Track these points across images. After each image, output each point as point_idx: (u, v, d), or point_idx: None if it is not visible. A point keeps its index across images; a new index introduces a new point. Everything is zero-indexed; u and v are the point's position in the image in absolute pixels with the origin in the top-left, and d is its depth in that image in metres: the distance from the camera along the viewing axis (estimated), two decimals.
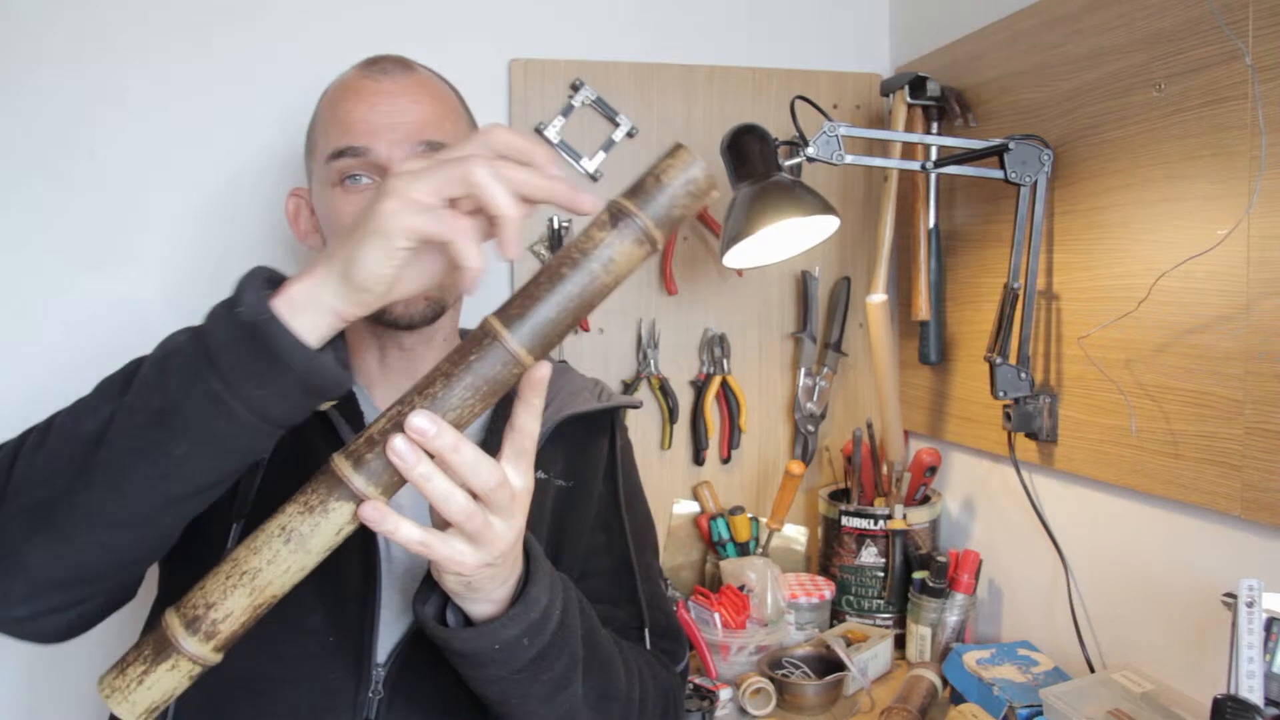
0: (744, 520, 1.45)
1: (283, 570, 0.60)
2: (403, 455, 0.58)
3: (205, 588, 0.60)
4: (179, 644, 0.59)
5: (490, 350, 0.59)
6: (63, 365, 1.29)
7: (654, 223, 0.59)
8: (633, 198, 0.60)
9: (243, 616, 0.60)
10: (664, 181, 0.59)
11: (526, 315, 0.59)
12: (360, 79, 0.91)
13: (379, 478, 0.60)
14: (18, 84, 1.25)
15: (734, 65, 1.51)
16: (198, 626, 0.59)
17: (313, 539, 0.60)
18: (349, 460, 0.59)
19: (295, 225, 1.01)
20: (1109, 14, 1.10)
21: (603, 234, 0.59)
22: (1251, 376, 0.94)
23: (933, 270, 1.41)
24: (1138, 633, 1.11)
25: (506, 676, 0.72)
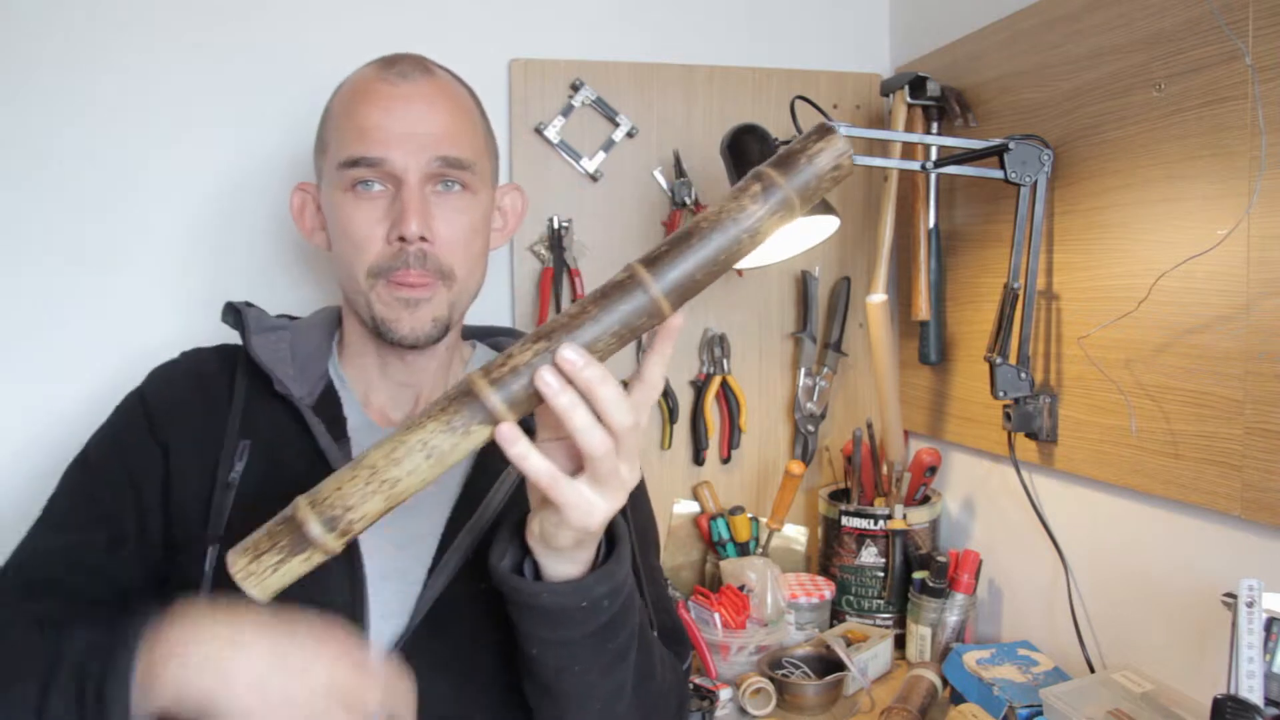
0: (744, 520, 1.45)
1: (419, 482, 0.62)
2: (549, 383, 0.60)
3: (343, 490, 0.62)
4: (317, 539, 0.62)
5: (634, 295, 0.62)
6: (62, 366, 1.29)
7: (798, 197, 0.63)
8: (782, 172, 0.63)
9: (375, 519, 0.63)
10: (815, 161, 0.63)
11: (671, 266, 0.62)
12: (377, 81, 0.88)
13: (518, 403, 0.62)
14: (17, 85, 1.25)
15: (734, 65, 1.51)
16: (335, 524, 0.62)
17: (451, 456, 0.62)
18: (490, 383, 0.62)
19: (300, 221, 0.98)
20: (1109, 14, 1.10)
21: (752, 204, 0.63)
22: (1251, 376, 0.94)
23: (933, 270, 1.41)
24: (1138, 633, 1.11)
25: (577, 639, 0.72)
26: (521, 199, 1.04)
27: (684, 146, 1.48)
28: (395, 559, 0.86)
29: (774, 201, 0.63)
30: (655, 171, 1.48)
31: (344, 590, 0.83)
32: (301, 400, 0.88)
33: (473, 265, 0.92)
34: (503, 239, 1.02)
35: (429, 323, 0.88)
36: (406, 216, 0.84)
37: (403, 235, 0.85)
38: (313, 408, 0.89)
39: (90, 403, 1.28)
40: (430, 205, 0.87)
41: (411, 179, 0.85)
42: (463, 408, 0.62)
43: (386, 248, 0.86)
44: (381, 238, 0.86)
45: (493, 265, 1.43)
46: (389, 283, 0.87)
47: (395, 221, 0.85)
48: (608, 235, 1.47)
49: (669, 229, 1.47)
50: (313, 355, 0.95)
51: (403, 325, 0.87)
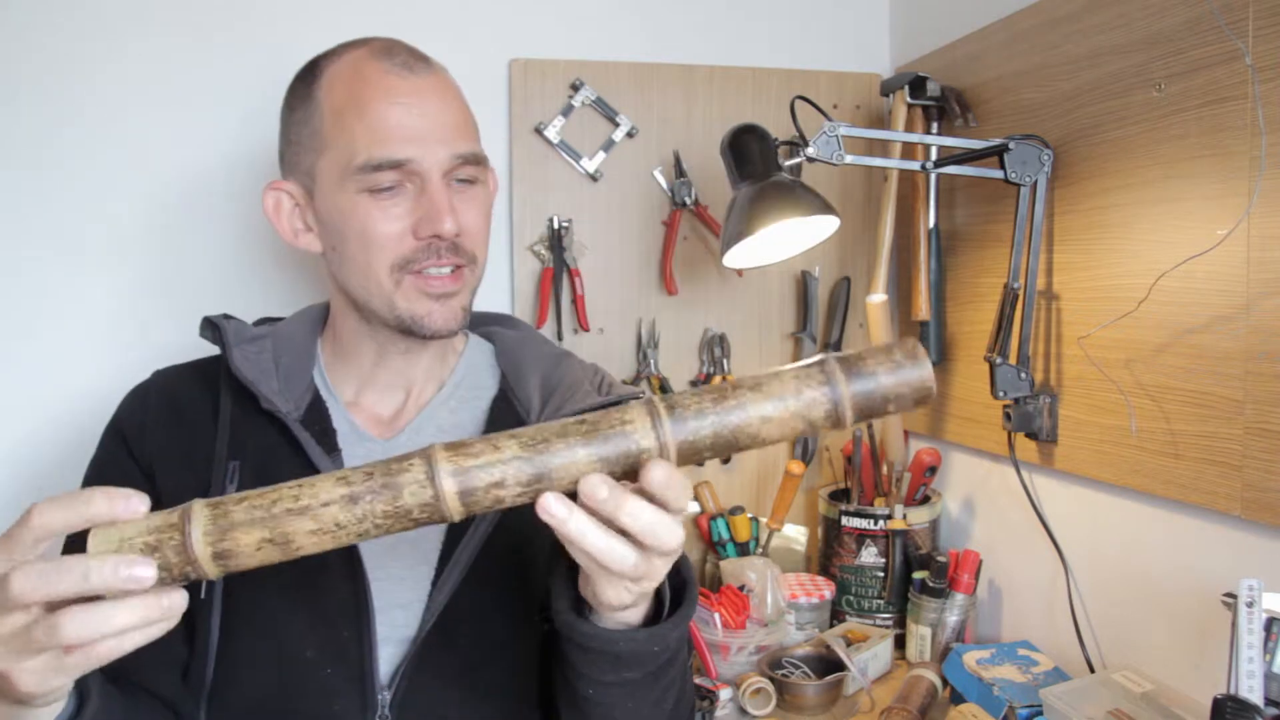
0: (744, 520, 1.45)
1: (316, 545, 0.57)
2: (553, 513, 0.57)
3: (239, 519, 0.55)
4: (190, 535, 0.55)
5: (631, 438, 0.57)
6: (44, 363, 1.29)
7: (853, 402, 0.57)
8: (847, 366, 0.57)
9: (253, 566, 0.57)
10: (892, 370, 0.57)
11: (687, 418, 0.57)
12: (384, 74, 0.84)
13: (475, 501, 0.57)
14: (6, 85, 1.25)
15: (734, 65, 1.51)
16: (221, 557, 0.55)
17: (363, 528, 0.57)
18: (453, 461, 0.56)
19: (278, 222, 0.91)
20: (1109, 14, 1.10)
21: (795, 380, 0.57)
22: (1251, 376, 0.94)
23: (933, 270, 1.41)
24: (1138, 633, 1.11)
25: (640, 679, 0.71)
26: (493, 177, 0.99)
27: (684, 146, 1.48)
28: (398, 571, 0.85)
29: (827, 398, 0.57)
30: (655, 171, 1.48)
31: (350, 607, 0.82)
32: (289, 415, 0.86)
33: (485, 250, 0.91)
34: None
35: (460, 313, 0.88)
36: (441, 216, 0.82)
37: (438, 234, 0.83)
38: (301, 421, 0.87)
39: (72, 404, 1.29)
40: (454, 199, 0.85)
41: (435, 176, 0.84)
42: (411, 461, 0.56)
43: (414, 242, 0.84)
44: (405, 233, 0.84)
45: (493, 265, 1.44)
46: (417, 276, 0.85)
47: (425, 219, 0.83)
48: (608, 235, 1.47)
49: (669, 229, 1.47)
50: (297, 364, 0.92)
51: (435, 318, 0.86)
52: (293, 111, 0.89)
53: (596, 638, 0.68)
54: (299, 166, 0.88)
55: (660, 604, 0.71)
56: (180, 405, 0.90)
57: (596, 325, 1.47)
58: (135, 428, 0.89)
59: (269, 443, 0.86)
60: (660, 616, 0.70)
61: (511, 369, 0.97)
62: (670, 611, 0.71)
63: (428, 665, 0.82)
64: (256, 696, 0.81)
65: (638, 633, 0.68)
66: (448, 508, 0.56)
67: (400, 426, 0.92)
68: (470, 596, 0.83)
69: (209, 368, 0.93)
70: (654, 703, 0.74)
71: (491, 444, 0.57)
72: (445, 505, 0.56)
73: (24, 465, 1.28)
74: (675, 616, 0.69)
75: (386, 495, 0.56)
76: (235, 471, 0.85)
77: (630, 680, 0.70)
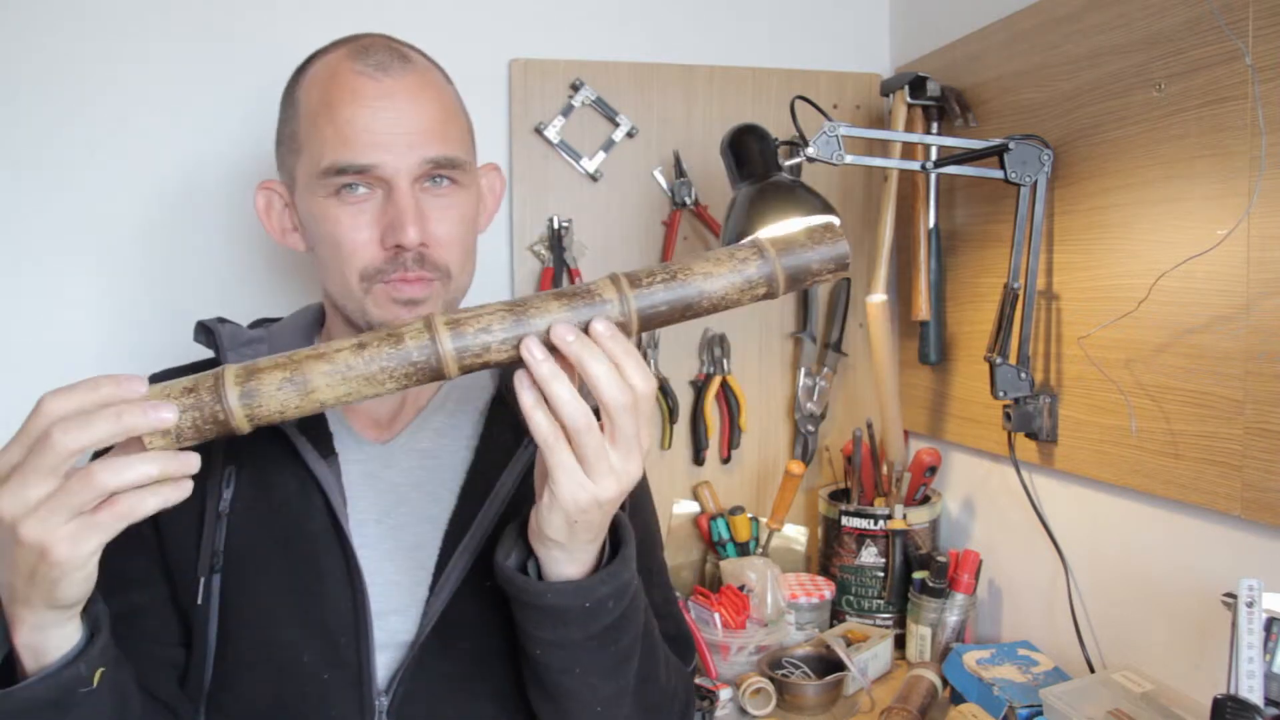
0: (744, 520, 1.45)
1: (334, 394, 0.64)
2: (533, 352, 0.64)
3: (266, 376, 0.63)
4: (232, 409, 0.61)
5: (606, 304, 0.66)
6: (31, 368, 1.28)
7: (784, 277, 0.68)
8: (780, 246, 0.68)
9: (282, 417, 0.63)
10: (814, 246, 0.68)
11: (650, 292, 0.67)
12: (354, 75, 0.81)
13: (469, 357, 0.65)
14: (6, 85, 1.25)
15: (734, 65, 1.51)
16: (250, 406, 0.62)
17: (369, 382, 0.64)
18: (449, 328, 0.64)
19: (267, 221, 0.91)
20: (1109, 14, 1.10)
21: (740, 262, 0.67)
22: (1251, 376, 0.94)
23: (933, 270, 1.41)
24: (1138, 633, 1.11)
25: (579, 641, 0.72)
26: (500, 180, 0.98)
27: (684, 146, 1.48)
28: (395, 576, 0.85)
29: (761, 266, 0.67)
30: (655, 171, 1.48)
31: (347, 612, 0.82)
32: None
33: (465, 260, 0.87)
34: (485, 223, 0.96)
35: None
36: (404, 224, 0.79)
37: (400, 244, 0.80)
38: (297, 425, 0.86)
39: None
40: (423, 206, 0.82)
41: (402, 183, 0.80)
42: (411, 341, 0.64)
43: (381, 252, 0.81)
44: (373, 242, 0.81)
45: (493, 265, 1.45)
46: (388, 283, 0.82)
47: (390, 227, 0.80)
48: (608, 235, 1.47)
49: (669, 229, 1.47)
50: None
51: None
52: (282, 111, 0.88)
53: (526, 590, 0.71)
54: (284, 166, 0.88)
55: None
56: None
57: None
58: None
59: (265, 447, 0.85)
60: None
61: (506, 372, 0.96)
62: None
63: (425, 671, 0.82)
64: (254, 701, 0.81)
65: (565, 585, 0.71)
66: (443, 352, 0.64)
67: (397, 430, 0.92)
68: (467, 602, 0.83)
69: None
70: (607, 672, 0.74)
71: (483, 309, 0.66)
72: (441, 349, 0.64)
73: None
74: (603, 571, 0.71)
75: (391, 340, 0.64)
76: (231, 476, 0.85)
77: (570, 640, 0.72)
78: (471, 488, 0.88)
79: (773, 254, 0.67)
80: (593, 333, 0.65)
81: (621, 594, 0.72)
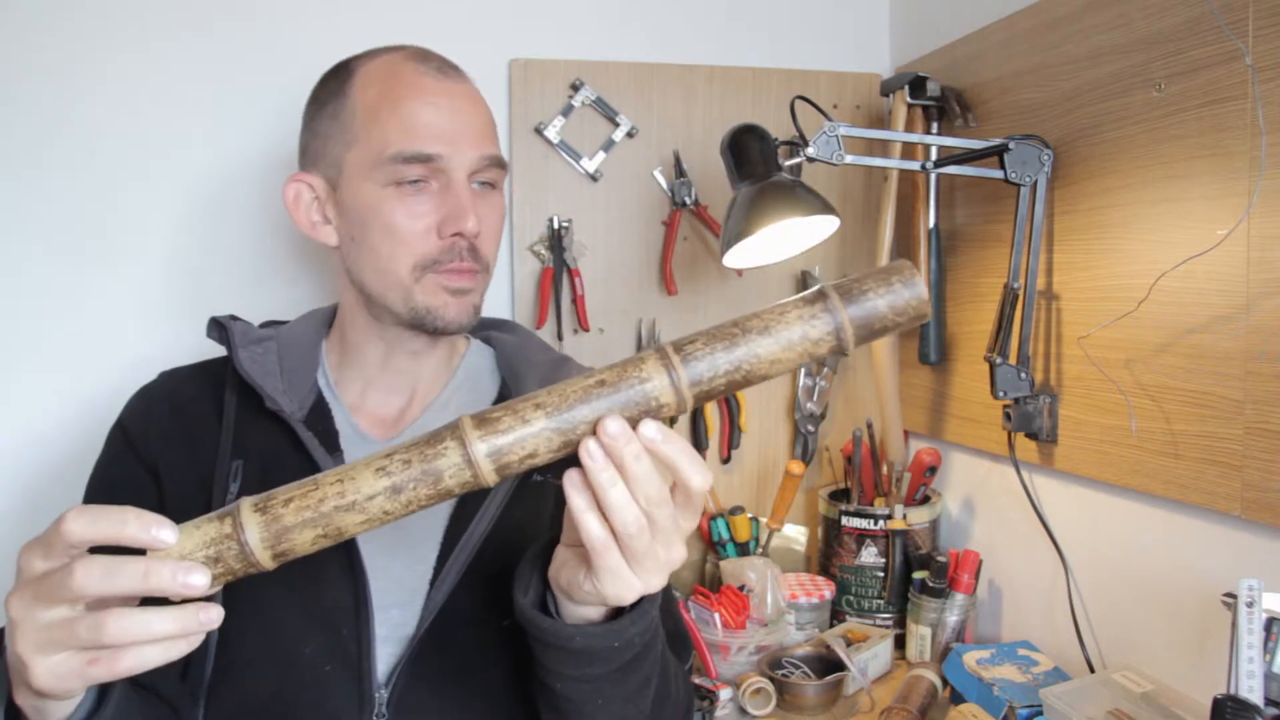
0: (744, 520, 1.45)
1: (365, 524, 0.59)
2: (594, 456, 0.58)
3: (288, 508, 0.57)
4: (253, 550, 0.57)
5: (655, 377, 0.59)
6: (54, 361, 1.29)
7: (854, 328, 0.59)
8: (844, 292, 0.59)
9: (303, 551, 0.58)
10: (885, 290, 0.59)
11: (699, 363, 0.58)
12: (421, 75, 0.87)
13: (506, 464, 0.58)
14: (6, 79, 1.25)
15: (734, 65, 1.51)
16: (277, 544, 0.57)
17: (405, 505, 0.59)
18: (479, 431, 0.58)
19: (295, 213, 0.92)
20: (1109, 14, 1.10)
21: (798, 315, 0.59)
22: (1251, 376, 0.94)
23: (933, 270, 1.41)
24: (1138, 633, 1.11)
25: (604, 674, 0.70)
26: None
27: (684, 146, 1.48)
28: (397, 570, 0.86)
29: (823, 325, 0.59)
30: (655, 171, 1.48)
31: (349, 604, 0.82)
32: (293, 415, 0.87)
33: (497, 256, 0.94)
34: None
35: (471, 310, 0.89)
36: (465, 213, 0.85)
37: (461, 231, 0.85)
38: (304, 422, 0.88)
39: (76, 402, 1.29)
40: (476, 201, 0.88)
41: (462, 175, 0.86)
42: (441, 438, 0.58)
43: (438, 241, 0.86)
44: (430, 230, 0.86)
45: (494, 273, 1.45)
46: (440, 273, 0.87)
47: (449, 217, 0.85)
48: (608, 235, 1.47)
49: (669, 229, 1.47)
50: (300, 366, 0.93)
51: (449, 311, 0.87)
52: (322, 106, 0.91)
53: (553, 632, 0.68)
54: (324, 159, 0.90)
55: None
56: (185, 405, 0.91)
57: (596, 325, 1.47)
58: (140, 428, 0.90)
59: (272, 442, 0.87)
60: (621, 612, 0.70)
61: (511, 373, 0.98)
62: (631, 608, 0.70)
63: (425, 665, 0.82)
64: (255, 693, 0.81)
65: (594, 628, 0.68)
66: (485, 480, 0.59)
67: (403, 428, 0.93)
68: (468, 597, 0.83)
69: (215, 368, 0.94)
70: (626, 699, 0.73)
71: (519, 416, 0.58)
72: (484, 479, 0.58)
73: (33, 466, 1.29)
74: (633, 613, 0.69)
75: (428, 481, 0.58)
76: (239, 470, 0.86)
77: (595, 676, 0.70)
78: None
79: (839, 304, 0.59)
80: (643, 439, 0.59)
81: (648, 629, 0.71)
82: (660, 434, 0.59)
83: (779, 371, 0.60)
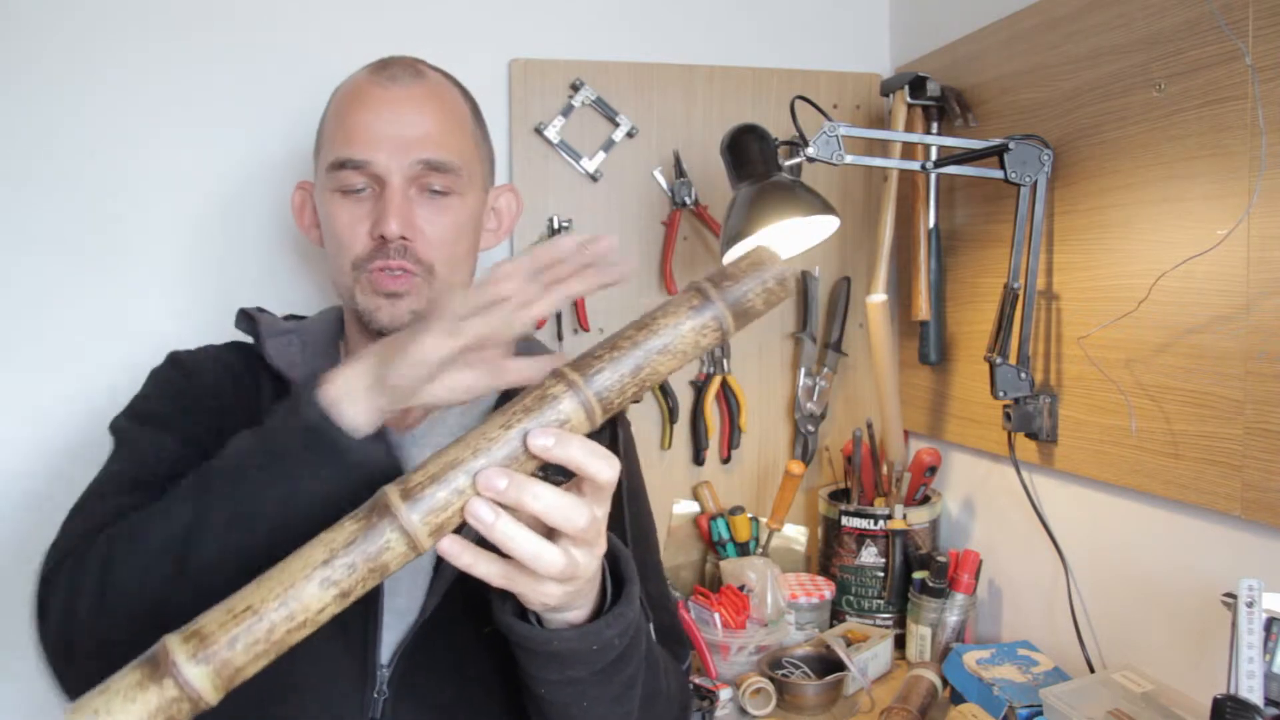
0: (744, 520, 1.45)
1: (319, 617, 0.59)
2: (482, 519, 0.58)
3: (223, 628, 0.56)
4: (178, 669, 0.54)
5: (560, 401, 0.60)
6: (61, 362, 1.29)
7: (732, 314, 0.62)
8: (716, 284, 0.62)
9: (261, 664, 0.57)
10: (750, 272, 0.63)
11: (599, 372, 0.60)
12: (369, 84, 0.91)
13: (438, 524, 0.58)
14: (16, 81, 1.25)
15: (734, 65, 1.51)
16: (218, 672, 0.55)
17: (354, 588, 0.58)
18: (404, 498, 0.58)
19: (299, 218, 1.02)
20: (1109, 14, 1.10)
21: (684, 317, 0.62)
22: (1251, 376, 0.94)
23: (933, 270, 1.41)
24: (1138, 633, 1.11)
25: (586, 677, 0.71)
26: (516, 200, 1.05)
27: (684, 146, 1.48)
28: None
29: (706, 316, 0.61)
30: (655, 171, 1.48)
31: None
32: None
33: (456, 264, 0.93)
34: (497, 240, 1.03)
35: (407, 314, 0.90)
36: (387, 216, 0.87)
37: (383, 234, 0.88)
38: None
39: (84, 398, 1.29)
40: (413, 205, 0.90)
41: (395, 180, 0.88)
42: (376, 524, 0.57)
43: (369, 242, 0.89)
44: (365, 234, 0.90)
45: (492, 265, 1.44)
46: (371, 274, 0.89)
47: (376, 220, 0.88)
48: (608, 235, 1.47)
49: (669, 229, 1.47)
50: (320, 358, 0.95)
51: (382, 314, 0.89)
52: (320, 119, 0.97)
53: (530, 638, 0.69)
54: (314, 168, 0.97)
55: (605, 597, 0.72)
56: (233, 377, 0.94)
57: (597, 325, 1.47)
58: (194, 365, 0.94)
59: None
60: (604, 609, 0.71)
61: None
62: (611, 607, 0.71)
63: (428, 646, 0.83)
64: None
65: (569, 632, 0.68)
66: (424, 546, 0.59)
67: (411, 425, 0.95)
68: (470, 580, 0.83)
69: (247, 350, 0.97)
70: (612, 700, 0.74)
71: (435, 472, 0.58)
72: (422, 546, 0.59)
73: (33, 466, 1.29)
74: (609, 615, 0.69)
75: (375, 576, 0.58)
76: None
77: (577, 679, 0.71)
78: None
79: (714, 293, 0.62)
80: (535, 449, 0.58)
81: (627, 630, 0.71)
82: (552, 438, 0.59)
83: (674, 368, 0.62)
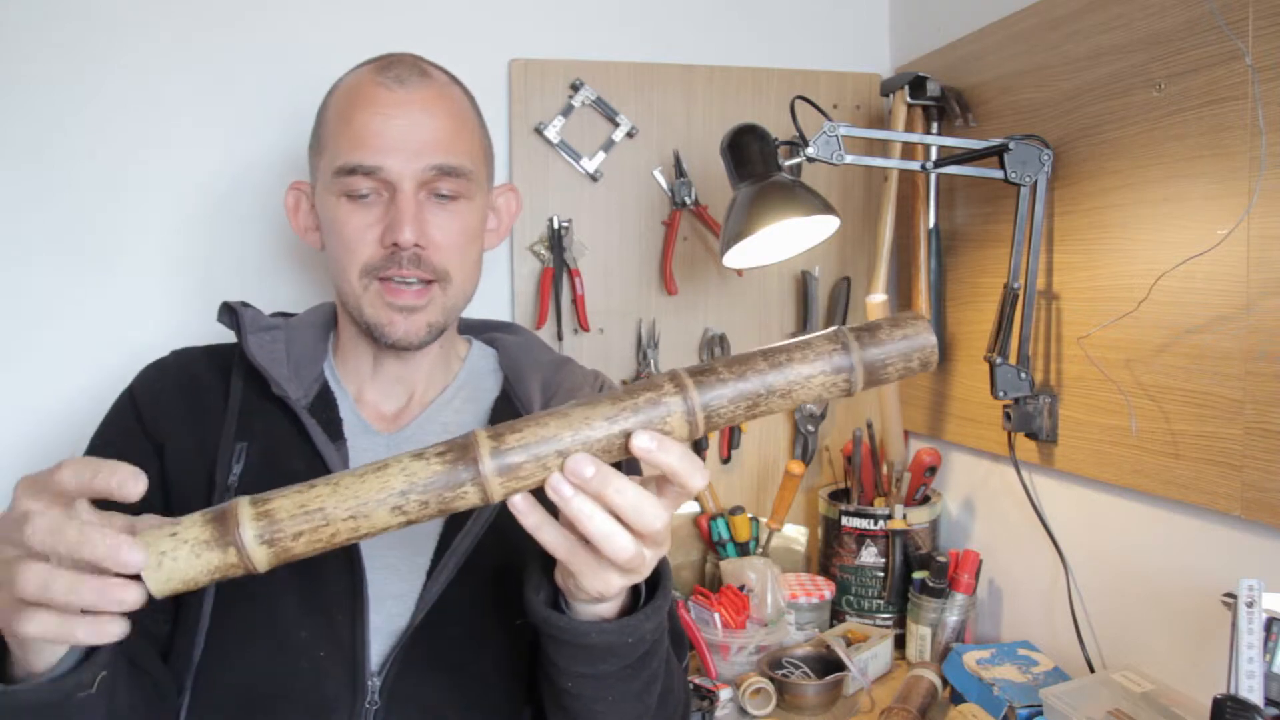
0: (744, 520, 1.45)
1: (376, 527, 0.59)
2: (560, 491, 0.58)
3: (293, 510, 0.57)
4: (246, 546, 0.56)
5: (659, 406, 0.59)
6: (53, 363, 1.29)
7: (864, 371, 0.61)
8: (860, 337, 0.61)
9: (312, 552, 0.59)
10: (896, 337, 0.61)
11: (707, 387, 0.59)
12: (373, 86, 0.88)
13: (515, 480, 0.59)
14: (11, 82, 1.25)
15: (734, 65, 1.51)
16: (271, 540, 0.57)
17: (420, 511, 0.59)
18: (492, 447, 0.58)
19: (294, 219, 0.98)
20: (1109, 14, 1.10)
21: (818, 360, 0.60)
22: (1251, 376, 0.94)
23: (933, 270, 1.41)
24: (1138, 633, 1.11)
25: (616, 671, 0.70)
26: (516, 199, 1.04)
27: (684, 146, 1.48)
28: (394, 560, 0.86)
29: (839, 370, 0.60)
30: (655, 171, 1.48)
31: (345, 592, 0.83)
32: (297, 402, 0.88)
33: (469, 269, 0.93)
34: (497, 239, 1.02)
35: (424, 328, 0.89)
36: (401, 224, 0.85)
37: (396, 242, 0.86)
38: (308, 409, 0.89)
39: (83, 399, 1.29)
40: (425, 211, 0.88)
41: (406, 186, 0.86)
42: (458, 470, 0.58)
43: (380, 249, 0.87)
44: (375, 240, 0.87)
45: (492, 265, 1.45)
46: (382, 284, 0.88)
47: (389, 227, 0.86)
48: (608, 235, 1.47)
49: (669, 229, 1.47)
50: (307, 355, 0.95)
51: (397, 329, 0.88)
52: (316, 118, 0.95)
53: (569, 630, 0.68)
54: (312, 168, 0.94)
55: (635, 597, 0.72)
56: (195, 384, 0.93)
57: (596, 325, 1.47)
58: (150, 399, 0.91)
59: (277, 428, 0.88)
60: (634, 608, 0.71)
61: (513, 373, 0.98)
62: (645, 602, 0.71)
63: (418, 655, 0.83)
64: (247, 674, 0.81)
65: (609, 624, 0.68)
66: (494, 500, 0.59)
67: (404, 423, 0.94)
68: (464, 589, 0.84)
69: (224, 352, 0.96)
70: (635, 696, 0.74)
71: (529, 439, 0.58)
72: (493, 500, 0.59)
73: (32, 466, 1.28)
74: (648, 608, 0.69)
75: (440, 514, 0.59)
76: (242, 453, 0.87)
77: (607, 673, 0.70)
78: None
79: (855, 346, 0.60)
80: (637, 450, 0.58)
81: (660, 625, 0.71)
82: (655, 443, 0.58)
83: (787, 409, 0.60)
